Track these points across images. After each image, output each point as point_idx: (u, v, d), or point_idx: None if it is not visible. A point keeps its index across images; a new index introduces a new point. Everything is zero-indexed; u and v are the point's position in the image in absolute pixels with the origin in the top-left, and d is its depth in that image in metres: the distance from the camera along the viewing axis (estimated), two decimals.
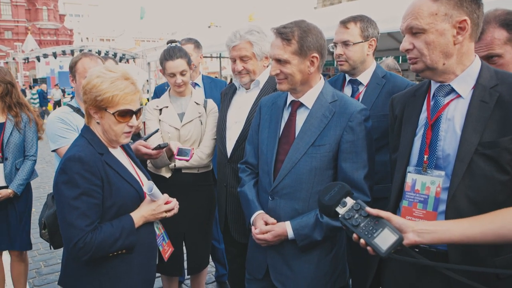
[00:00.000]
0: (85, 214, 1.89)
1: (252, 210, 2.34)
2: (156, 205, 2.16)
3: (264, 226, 2.23)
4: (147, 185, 2.13)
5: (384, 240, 1.48)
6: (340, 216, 1.59)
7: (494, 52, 2.01)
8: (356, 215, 1.56)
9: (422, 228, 1.52)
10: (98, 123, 2.04)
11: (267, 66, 2.90)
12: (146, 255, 2.18)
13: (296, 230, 2.16)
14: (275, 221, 2.22)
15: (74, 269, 2.05)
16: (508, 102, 1.59)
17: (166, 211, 2.21)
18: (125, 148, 2.30)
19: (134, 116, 2.05)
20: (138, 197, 2.14)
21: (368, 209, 1.56)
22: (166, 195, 2.23)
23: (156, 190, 2.15)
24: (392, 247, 1.46)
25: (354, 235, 1.56)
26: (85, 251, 1.88)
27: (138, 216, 2.09)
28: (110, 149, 2.11)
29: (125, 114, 2.01)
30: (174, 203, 2.26)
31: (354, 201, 1.59)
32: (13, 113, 3.65)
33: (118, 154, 2.18)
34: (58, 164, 2.02)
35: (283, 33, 2.14)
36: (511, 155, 1.56)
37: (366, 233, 1.52)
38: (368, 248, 1.51)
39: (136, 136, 3.41)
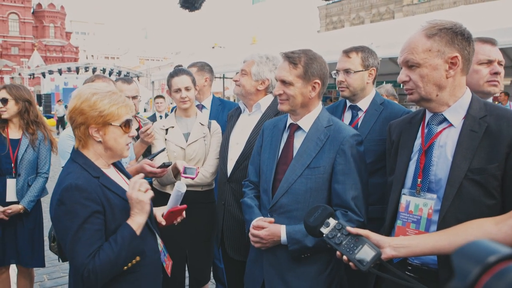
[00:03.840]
0: (88, 242, 1.82)
1: (255, 215, 2.43)
2: (131, 184, 1.97)
3: (261, 221, 2.33)
4: (179, 184, 2.25)
5: (364, 255, 1.62)
6: (324, 235, 1.73)
7: None
8: (339, 234, 1.70)
9: (397, 243, 1.66)
10: (99, 141, 1.98)
11: (262, 91, 3.05)
12: (152, 274, 2.12)
13: (289, 234, 2.25)
14: (272, 219, 2.33)
15: None
16: (495, 132, 1.71)
17: (139, 187, 1.98)
18: (116, 164, 2.23)
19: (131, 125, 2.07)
20: None
21: (349, 228, 1.70)
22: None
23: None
24: (371, 262, 1.61)
25: (338, 252, 1.69)
26: (92, 278, 1.81)
27: (131, 218, 1.95)
28: (104, 170, 2.04)
29: (128, 124, 2.02)
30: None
31: (336, 221, 1.74)
32: (30, 130, 3.72)
33: (112, 173, 2.12)
34: (54, 194, 1.93)
35: (290, 57, 2.31)
36: (498, 181, 1.68)
37: (348, 250, 1.66)
38: (350, 263, 1.65)
39: (147, 152, 3.54)
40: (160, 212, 2.32)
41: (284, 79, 2.32)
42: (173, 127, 3.38)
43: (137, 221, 1.94)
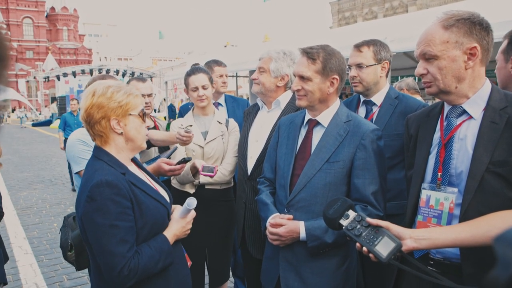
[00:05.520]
0: (124, 239, 1.81)
1: (271, 212, 2.42)
2: (185, 222, 2.14)
3: (279, 219, 2.31)
4: (189, 200, 2.13)
5: (384, 247, 1.61)
6: (344, 227, 1.72)
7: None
8: (358, 226, 1.70)
9: (418, 235, 1.64)
10: (121, 133, 1.97)
11: (282, 88, 3.01)
12: (181, 269, 2.15)
13: (308, 230, 2.24)
14: (291, 216, 2.31)
15: None
16: None
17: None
18: (136, 162, 2.22)
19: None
20: (166, 212, 2.09)
21: (369, 219, 1.70)
22: (193, 212, 2.21)
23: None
24: (391, 253, 1.59)
25: (357, 244, 1.69)
26: (130, 277, 1.82)
27: (171, 235, 2.04)
28: (128, 167, 2.03)
29: (144, 113, 2.05)
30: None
31: (356, 213, 1.73)
32: None
33: (135, 170, 2.10)
34: (81, 192, 1.91)
35: (309, 53, 2.30)
36: None
37: (368, 241, 1.65)
38: (370, 255, 1.64)
39: (164, 148, 3.55)
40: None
41: (303, 74, 2.31)
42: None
43: (172, 241, 2.04)
